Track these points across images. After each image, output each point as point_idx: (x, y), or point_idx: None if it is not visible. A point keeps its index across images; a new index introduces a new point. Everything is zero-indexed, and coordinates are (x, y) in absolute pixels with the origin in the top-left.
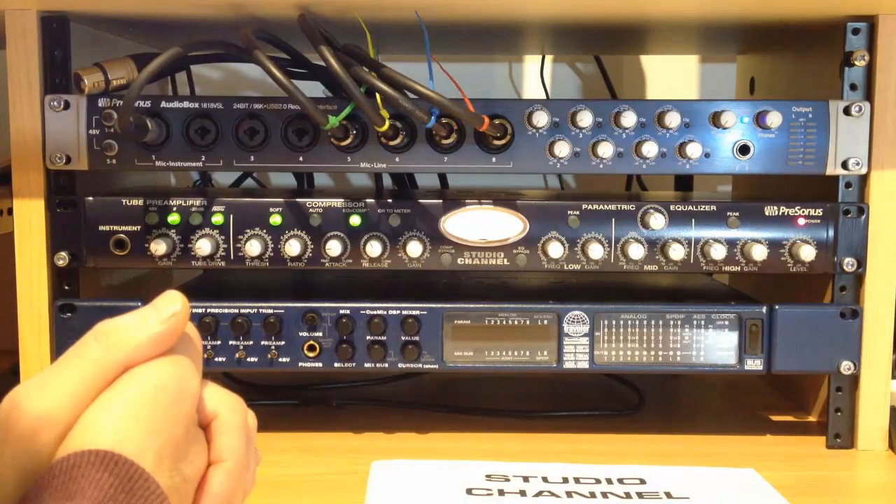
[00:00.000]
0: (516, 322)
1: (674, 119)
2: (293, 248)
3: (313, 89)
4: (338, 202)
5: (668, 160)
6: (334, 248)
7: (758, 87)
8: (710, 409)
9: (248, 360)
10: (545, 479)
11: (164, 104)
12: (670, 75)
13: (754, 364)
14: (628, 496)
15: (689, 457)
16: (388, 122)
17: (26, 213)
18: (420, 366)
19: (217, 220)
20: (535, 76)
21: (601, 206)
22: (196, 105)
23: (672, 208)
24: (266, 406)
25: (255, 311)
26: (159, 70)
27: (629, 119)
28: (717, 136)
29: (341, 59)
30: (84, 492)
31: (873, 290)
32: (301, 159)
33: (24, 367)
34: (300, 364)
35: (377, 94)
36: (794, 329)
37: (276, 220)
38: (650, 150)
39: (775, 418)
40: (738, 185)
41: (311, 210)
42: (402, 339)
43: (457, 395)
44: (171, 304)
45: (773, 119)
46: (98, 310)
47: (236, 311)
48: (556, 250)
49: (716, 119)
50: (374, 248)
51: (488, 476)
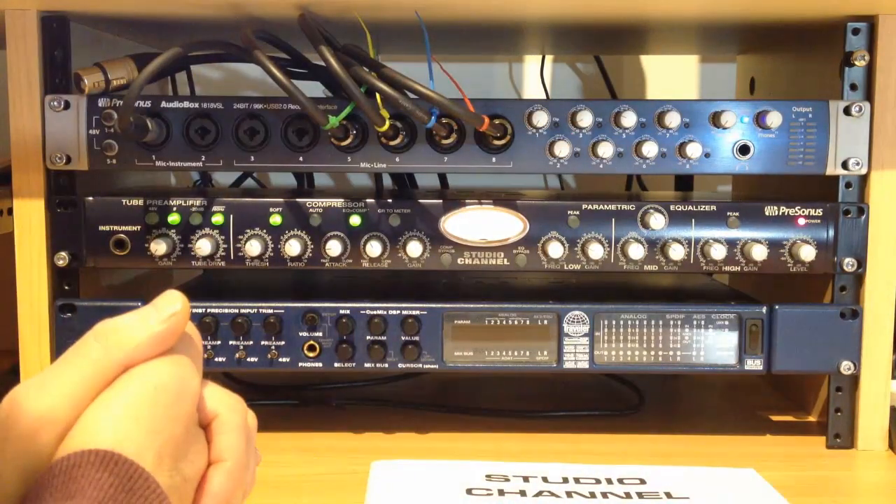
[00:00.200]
0: (516, 322)
1: (674, 119)
2: (293, 248)
3: (313, 89)
4: (338, 202)
5: (668, 160)
6: (334, 248)
7: (758, 87)
8: (710, 409)
9: (248, 360)
10: (545, 479)
11: (164, 104)
12: (670, 75)
13: (754, 364)
14: (628, 496)
15: (689, 457)
16: (388, 122)
17: (26, 213)
18: (420, 366)
19: (217, 220)
20: (535, 76)
21: (601, 206)
22: (196, 105)
23: (672, 208)
24: (266, 406)
25: (255, 311)
26: (159, 70)
27: (629, 119)
28: (717, 136)
29: (341, 59)
30: (84, 491)
31: (873, 290)
32: (301, 159)
33: (24, 367)
34: (300, 364)
35: (377, 94)
36: (794, 329)
37: (276, 220)
38: (650, 150)
39: (775, 418)
40: (738, 185)
41: (311, 210)
42: (402, 339)
43: (457, 395)
44: (171, 304)
45: (773, 119)
46: (98, 310)
47: (236, 311)
48: (556, 250)
49: (716, 119)
50: (374, 248)
51: (488, 476)
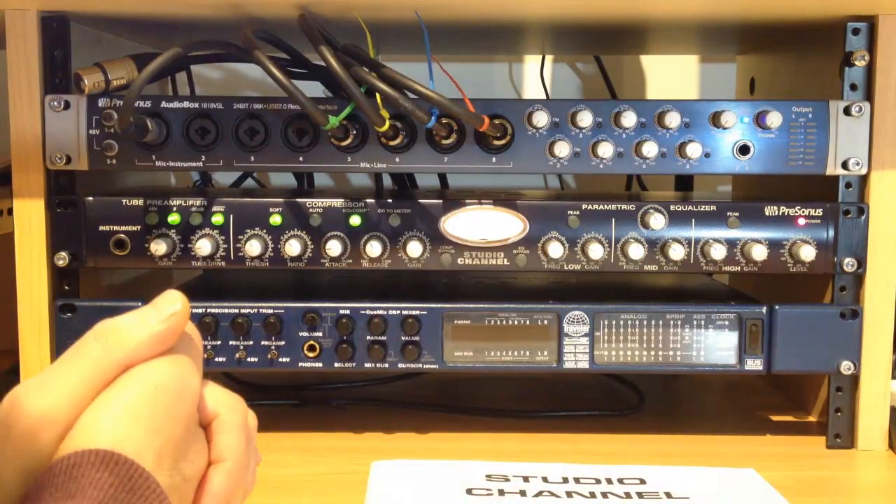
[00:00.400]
0: (516, 322)
1: (674, 119)
2: (293, 248)
3: (313, 89)
4: (338, 202)
5: (668, 160)
6: (334, 248)
7: (758, 87)
8: (710, 409)
9: (248, 360)
10: (545, 479)
11: (164, 104)
12: (670, 75)
13: (754, 364)
14: (628, 496)
15: (689, 457)
16: (388, 122)
17: (26, 213)
18: (420, 366)
19: (217, 220)
20: (535, 76)
21: (601, 206)
22: (196, 105)
23: (672, 208)
24: (266, 406)
25: (255, 311)
26: (159, 70)
27: (629, 119)
28: (717, 136)
29: (341, 59)
30: (84, 491)
31: (873, 291)
32: (301, 159)
33: (24, 367)
34: (300, 364)
35: (377, 94)
36: (794, 329)
37: (276, 220)
38: (650, 150)
39: (775, 418)
40: (738, 185)
41: (311, 210)
42: (402, 339)
43: (457, 395)
44: (170, 304)
45: (773, 119)
46: (98, 310)
47: (236, 311)
48: (556, 250)
49: (716, 119)
50: (374, 248)
51: (488, 476)
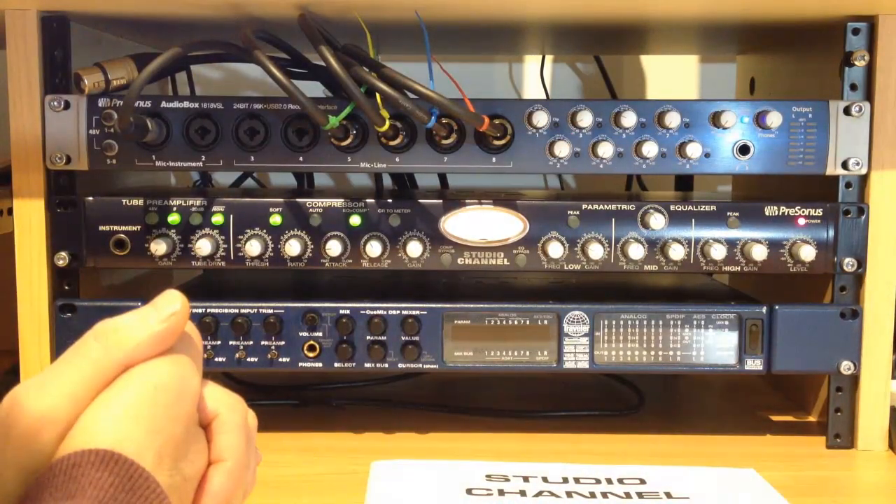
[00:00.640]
0: (516, 322)
1: (674, 119)
2: (293, 248)
3: (313, 89)
4: (338, 202)
5: (668, 160)
6: (334, 248)
7: (758, 87)
8: (710, 409)
9: (248, 360)
10: (545, 479)
11: (164, 104)
12: (670, 75)
13: (754, 364)
14: (628, 496)
15: (689, 457)
16: (388, 122)
17: (26, 213)
18: (420, 366)
19: (217, 220)
20: (535, 76)
21: (601, 206)
22: (196, 105)
23: (672, 208)
24: (266, 406)
25: (255, 311)
26: (159, 70)
27: (629, 119)
28: (717, 136)
29: (341, 59)
30: (84, 491)
31: (873, 291)
32: (301, 159)
33: (24, 367)
34: (300, 364)
35: (377, 94)
36: (794, 329)
37: (276, 220)
38: (650, 150)
39: (775, 418)
40: (738, 185)
41: (311, 210)
42: (402, 339)
43: (457, 395)
44: (170, 304)
45: (773, 119)
46: (98, 310)
47: (236, 311)
48: (556, 250)
49: (716, 119)
50: (374, 248)
51: (488, 476)
